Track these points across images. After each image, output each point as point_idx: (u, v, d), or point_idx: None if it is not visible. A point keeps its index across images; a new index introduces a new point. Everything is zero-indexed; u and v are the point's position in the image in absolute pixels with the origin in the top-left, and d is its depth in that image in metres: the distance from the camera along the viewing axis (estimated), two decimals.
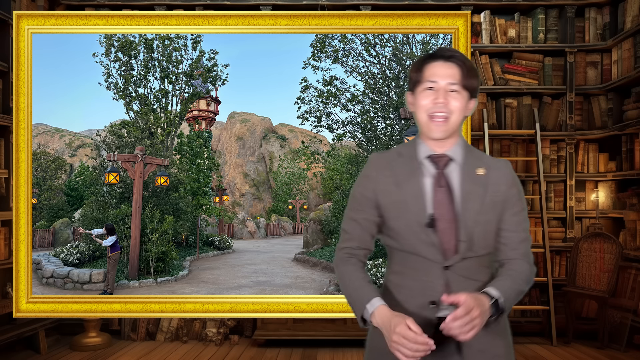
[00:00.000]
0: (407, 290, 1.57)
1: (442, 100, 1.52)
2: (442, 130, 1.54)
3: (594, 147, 5.10)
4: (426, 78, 1.55)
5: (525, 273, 1.56)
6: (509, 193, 1.56)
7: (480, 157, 1.61)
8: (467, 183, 1.55)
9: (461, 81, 1.53)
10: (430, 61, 1.56)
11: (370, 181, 1.62)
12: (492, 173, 1.57)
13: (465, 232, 1.51)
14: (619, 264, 4.57)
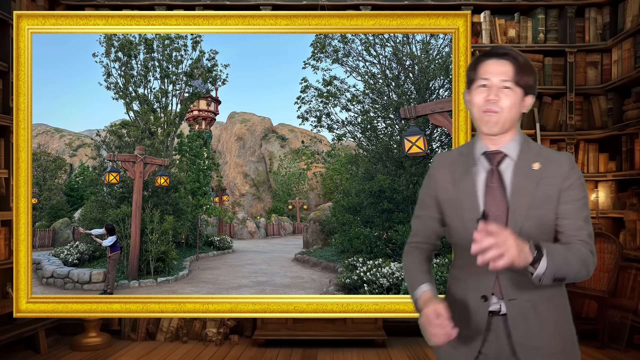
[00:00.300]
0: (463, 284, 1.66)
1: (494, 97, 1.55)
2: (493, 126, 1.57)
3: (594, 147, 5.10)
4: (480, 76, 1.59)
5: (582, 252, 1.49)
6: (564, 184, 1.55)
7: (539, 151, 1.61)
8: (519, 178, 1.58)
9: (514, 78, 1.55)
10: (484, 59, 1.60)
11: (432, 180, 1.72)
12: (548, 167, 1.57)
13: (514, 226, 1.54)
14: (619, 264, 4.57)
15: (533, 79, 1.59)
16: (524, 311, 1.58)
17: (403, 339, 4.97)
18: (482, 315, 1.61)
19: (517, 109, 1.57)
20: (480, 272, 1.59)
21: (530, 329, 1.58)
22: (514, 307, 1.58)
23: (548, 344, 1.58)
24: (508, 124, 1.58)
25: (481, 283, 1.61)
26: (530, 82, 1.58)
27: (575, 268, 1.47)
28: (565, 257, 1.45)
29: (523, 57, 1.58)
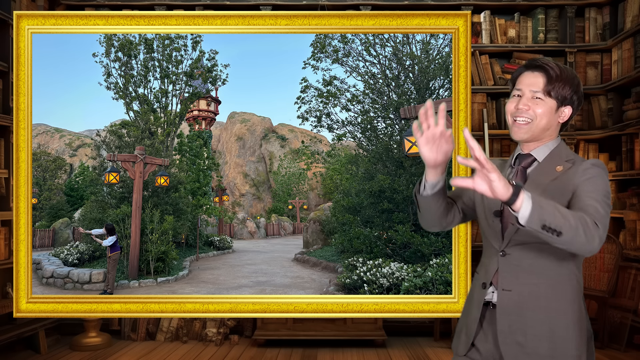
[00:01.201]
0: (477, 274, 1.78)
1: (523, 107, 1.64)
2: (522, 133, 1.66)
3: (594, 147, 5.10)
4: (516, 86, 1.71)
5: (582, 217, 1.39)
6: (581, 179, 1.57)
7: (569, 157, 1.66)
8: (535, 175, 1.65)
9: (544, 89, 1.63)
10: (522, 71, 1.71)
11: None
12: (571, 170, 1.61)
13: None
14: (619, 264, 4.57)
15: (570, 90, 1.64)
16: (516, 304, 1.60)
17: (403, 339, 4.97)
18: (479, 300, 1.69)
19: (548, 119, 1.64)
20: (489, 261, 1.70)
21: (516, 323, 1.59)
22: (505, 298, 1.62)
23: (533, 343, 1.57)
24: (537, 132, 1.65)
25: (486, 271, 1.70)
26: (565, 94, 1.64)
27: (572, 223, 1.36)
28: (558, 207, 1.37)
29: (559, 69, 1.64)
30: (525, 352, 1.57)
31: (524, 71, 1.69)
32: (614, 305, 4.55)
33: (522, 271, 1.61)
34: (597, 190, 1.52)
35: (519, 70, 1.71)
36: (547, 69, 1.63)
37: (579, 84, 1.67)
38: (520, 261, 1.62)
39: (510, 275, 1.62)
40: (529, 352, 1.57)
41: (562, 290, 1.59)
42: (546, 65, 1.64)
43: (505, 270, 1.63)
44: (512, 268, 1.62)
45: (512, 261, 1.63)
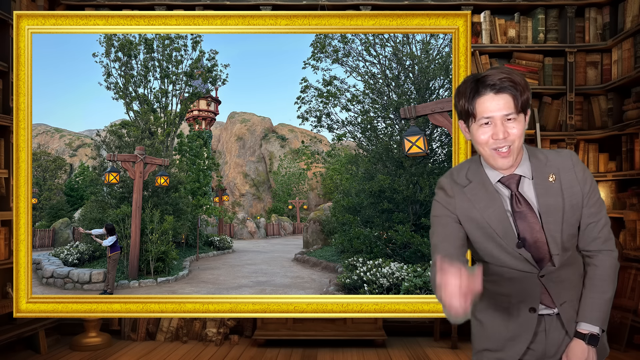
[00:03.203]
0: (505, 297, 1.68)
1: (502, 136, 1.52)
2: (508, 161, 1.57)
3: (594, 147, 5.10)
4: (480, 114, 1.53)
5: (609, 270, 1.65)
6: (584, 190, 1.61)
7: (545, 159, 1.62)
8: (544, 197, 1.59)
9: (516, 108, 1.53)
10: (481, 94, 1.52)
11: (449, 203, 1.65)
12: (562, 176, 1.60)
13: (555, 246, 1.59)
14: (619, 264, 4.57)
15: (528, 93, 1.56)
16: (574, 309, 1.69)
17: (403, 339, 4.97)
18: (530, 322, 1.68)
19: (522, 133, 1.57)
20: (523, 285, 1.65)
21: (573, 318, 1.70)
22: (566, 310, 1.68)
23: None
24: (517, 151, 1.57)
25: (526, 296, 1.66)
26: (527, 98, 1.56)
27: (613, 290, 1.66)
28: (606, 298, 1.64)
29: (516, 78, 1.53)
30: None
31: (484, 94, 1.51)
32: (614, 305, 4.54)
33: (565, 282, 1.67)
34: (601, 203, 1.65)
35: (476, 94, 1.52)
36: (512, 87, 1.51)
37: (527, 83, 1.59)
38: (559, 275, 1.66)
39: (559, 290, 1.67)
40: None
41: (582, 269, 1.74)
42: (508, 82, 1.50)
43: (553, 288, 1.66)
44: (557, 284, 1.66)
45: (553, 278, 1.65)
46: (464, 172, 1.68)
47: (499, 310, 1.71)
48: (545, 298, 1.66)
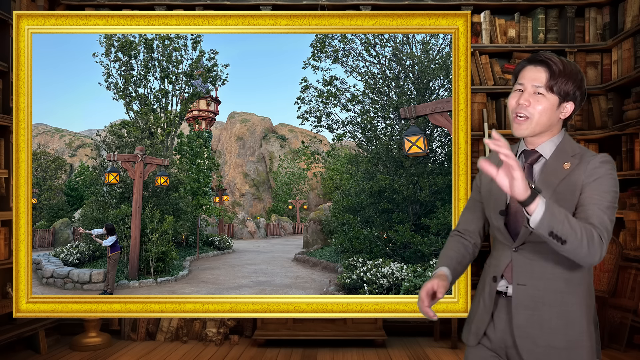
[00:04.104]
0: (488, 267, 1.80)
1: (524, 102, 1.61)
2: (522, 129, 1.64)
3: (594, 147, 5.09)
4: (518, 80, 1.67)
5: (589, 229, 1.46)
6: (588, 179, 1.58)
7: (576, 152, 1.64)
8: (545, 175, 1.64)
9: (546, 84, 1.60)
10: (524, 65, 1.67)
11: (479, 175, 1.88)
12: (578, 166, 1.61)
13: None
14: (619, 264, 4.57)
15: (573, 85, 1.61)
16: (531, 298, 1.63)
17: (403, 339, 4.97)
18: (491, 293, 1.72)
19: (549, 115, 1.62)
20: (500, 255, 1.72)
21: (532, 317, 1.62)
22: (521, 292, 1.64)
23: (549, 336, 1.60)
24: (539, 128, 1.63)
25: (497, 265, 1.72)
26: (568, 89, 1.61)
27: (578, 234, 1.43)
28: (569, 218, 1.43)
29: (562, 64, 1.61)
30: (540, 344, 1.60)
31: (526, 65, 1.66)
32: (614, 305, 4.55)
33: (536, 265, 1.63)
34: (605, 195, 1.55)
35: (522, 64, 1.68)
36: (550, 63, 1.60)
37: (583, 79, 1.64)
38: (534, 256, 1.64)
39: (524, 270, 1.64)
40: (544, 344, 1.60)
41: (576, 282, 1.63)
42: (549, 60, 1.61)
43: (519, 265, 1.65)
44: (526, 262, 1.64)
45: (526, 256, 1.65)
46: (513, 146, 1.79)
47: (481, 282, 1.81)
48: (508, 272, 1.69)
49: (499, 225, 1.70)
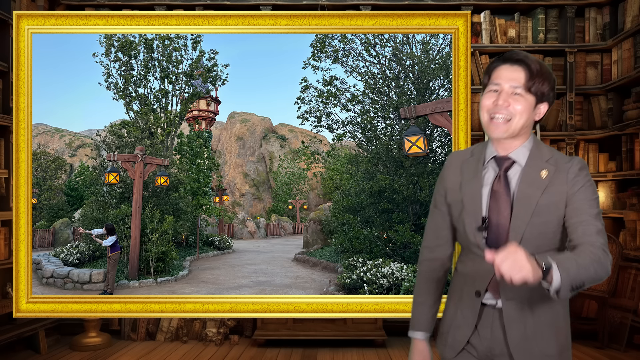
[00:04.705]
0: (463, 278, 1.69)
1: (502, 103, 1.55)
2: (500, 131, 1.56)
3: (594, 147, 5.10)
4: (492, 81, 1.59)
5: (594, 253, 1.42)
6: (571, 190, 1.54)
7: (549, 157, 1.59)
8: (525, 185, 1.57)
9: (525, 84, 1.54)
10: (499, 64, 1.59)
11: (442, 180, 1.75)
12: (556, 175, 1.56)
13: (515, 233, 1.55)
14: (619, 264, 4.57)
15: (548, 86, 1.57)
16: (521, 311, 1.59)
17: (403, 339, 4.97)
18: (474, 308, 1.64)
19: (527, 116, 1.56)
20: (479, 268, 1.62)
21: (525, 329, 1.58)
22: (510, 307, 1.59)
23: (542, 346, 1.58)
24: (517, 130, 1.57)
25: (478, 279, 1.63)
26: (544, 90, 1.56)
27: (591, 270, 1.40)
28: (577, 262, 1.39)
29: (538, 63, 1.56)
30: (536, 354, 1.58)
31: (501, 64, 1.58)
32: (614, 305, 4.55)
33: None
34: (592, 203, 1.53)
35: (496, 63, 1.60)
36: (528, 63, 1.55)
37: (555, 80, 1.61)
38: None
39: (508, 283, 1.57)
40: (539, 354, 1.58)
41: None
42: (527, 60, 1.56)
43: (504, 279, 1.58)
44: None
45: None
46: (474, 147, 1.73)
47: (456, 291, 1.72)
48: (493, 286, 1.61)
49: (477, 242, 1.60)
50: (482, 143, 1.71)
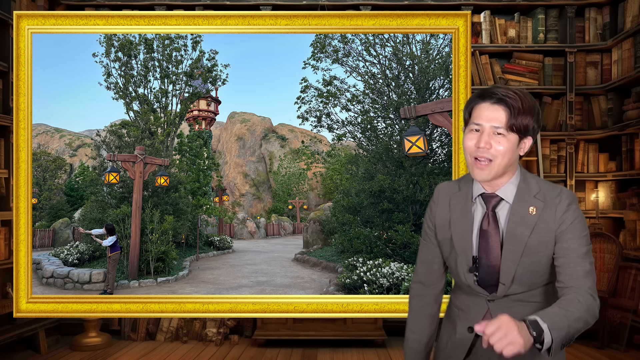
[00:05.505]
0: (457, 310, 1.70)
1: (484, 145, 1.51)
2: (484, 174, 1.53)
3: (594, 147, 5.10)
4: (472, 120, 1.54)
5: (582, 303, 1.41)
6: (561, 229, 1.51)
7: (537, 191, 1.55)
8: (513, 224, 1.54)
9: (507, 124, 1.49)
10: (479, 102, 1.54)
11: (432, 215, 1.72)
12: (545, 212, 1.53)
13: (506, 275, 1.54)
14: (619, 264, 4.57)
15: (532, 120, 1.52)
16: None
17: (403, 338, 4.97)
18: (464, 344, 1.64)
19: (510, 155, 1.52)
20: (471, 303, 1.63)
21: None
22: None
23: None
24: (501, 170, 1.53)
25: (472, 314, 1.63)
26: (528, 124, 1.51)
27: (580, 323, 1.39)
28: (568, 317, 1.37)
29: (521, 99, 1.50)
30: None
31: (480, 102, 1.53)
32: (614, 305, 4.55)
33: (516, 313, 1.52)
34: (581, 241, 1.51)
35: (475, 101, 1.55)
36: (508, 102, 1.49)
37: (539, 111, 1.56)
38: (512, 303, 1.57)
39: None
40: None
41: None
42: (507, 98, 1.49)
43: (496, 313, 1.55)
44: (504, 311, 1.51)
45: (504, 305, 1.57)
46: (461, 180, 1.69)
47: (449, 322, 1.72)
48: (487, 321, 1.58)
49: (468, 282, 1.59)
50: (466, 176, 1.67)
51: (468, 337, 1.62)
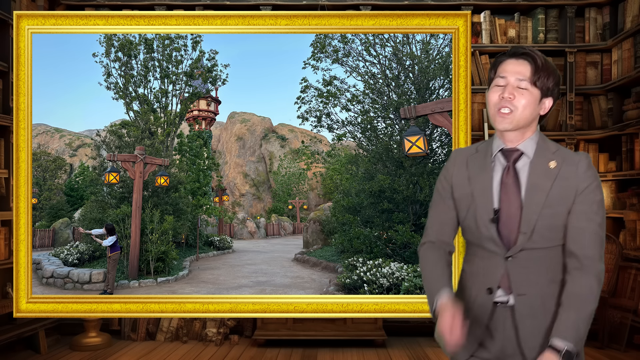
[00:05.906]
0: (472, 277, 1.69)
1: (507, 96, 1.57)
2: (506, 122, 1.58)
3: (594, 147, 5.10)
4: (497, 74, 1.61)
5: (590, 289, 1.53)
6: (580, 187, 1.56)
7: (556, 150, 1.62)
8: (535, 176, 1.59)
9: (530, 78, 1.57)
10: (504, 58, 1.62)
11: (448, 175, 1.74)
12: (565, 167, 1.58)
13: (527, 225, 1.56)
14: (619, 264, 4.57)
15: (553, 81, 1.60)
16: (533, 307, 1.59)
17: (403, 339, 4.97)
18: (486, 306, 1.64)
19: (532, 109, 1.58)
20: (489, 265, 1.64)
21: (538, 326, 1.59)
22: (522, 303, 1.60)
23: None
24: (522, 122, 1.59)
25: (488, 276, 1.64)
26: (549, 85, 1.59)
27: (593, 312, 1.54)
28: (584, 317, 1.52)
29: (543, 58, 1.59)
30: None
31: (507, 58, 1.61)
32: (614, 305, 4.55)
33: (532, 274, 1.58)
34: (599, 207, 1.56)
35: (502, 57, 1.63)
36: (534, 56, 1.58)
37: (560, 77, 1.64)
38: (528, 263, 1.59)
39: (522, 279, 1.59)
40: None
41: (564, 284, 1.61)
42: (532, 53, 1.58)
43: (516, 274, 1.59)
44: (522, 272, 1.59)
45: (521, 264, 1.59)
46: (478, 144, 1.74)
47: (465, 290, 1.71)
48: (505, 282, 1.61)
49: (489, 234, 1.60)
50: (487, 140, 1.72)
51: (489, 299, 1.63)
